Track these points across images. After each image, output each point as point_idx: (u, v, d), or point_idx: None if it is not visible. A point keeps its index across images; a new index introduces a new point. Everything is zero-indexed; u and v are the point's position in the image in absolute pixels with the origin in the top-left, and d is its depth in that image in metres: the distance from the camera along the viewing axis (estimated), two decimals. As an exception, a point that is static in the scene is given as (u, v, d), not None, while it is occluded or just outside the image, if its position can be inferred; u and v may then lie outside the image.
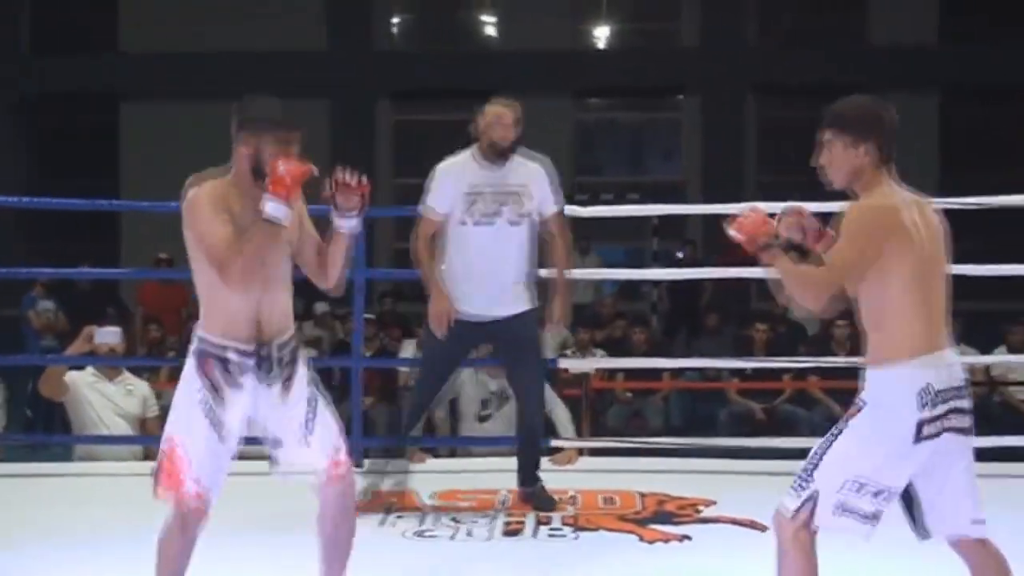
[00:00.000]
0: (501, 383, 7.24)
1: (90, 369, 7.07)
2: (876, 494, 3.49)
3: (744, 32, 18.10)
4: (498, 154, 5.58)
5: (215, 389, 3.79)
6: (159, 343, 10.84)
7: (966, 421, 3.53)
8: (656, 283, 15.14)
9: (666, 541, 5.20)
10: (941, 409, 3.46)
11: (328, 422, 4.01)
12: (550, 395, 7.29)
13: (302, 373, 3.98)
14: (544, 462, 6.69)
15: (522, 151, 5.71)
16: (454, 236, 5.59)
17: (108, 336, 6.99)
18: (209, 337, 3.82)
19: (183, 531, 3.81)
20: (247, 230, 3.68)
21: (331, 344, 11.19)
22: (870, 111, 3.66)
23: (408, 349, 9.81)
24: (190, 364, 3.83)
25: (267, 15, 17.32)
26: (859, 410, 3.55)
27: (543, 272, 5.90)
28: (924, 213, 3.57)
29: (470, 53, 18.58)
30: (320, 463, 3.96)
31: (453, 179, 5.59)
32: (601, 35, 18.99)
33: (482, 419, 7.29)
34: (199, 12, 17.34)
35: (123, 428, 7.00)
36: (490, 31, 18.91)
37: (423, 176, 5.69)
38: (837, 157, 3.63)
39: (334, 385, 9.13)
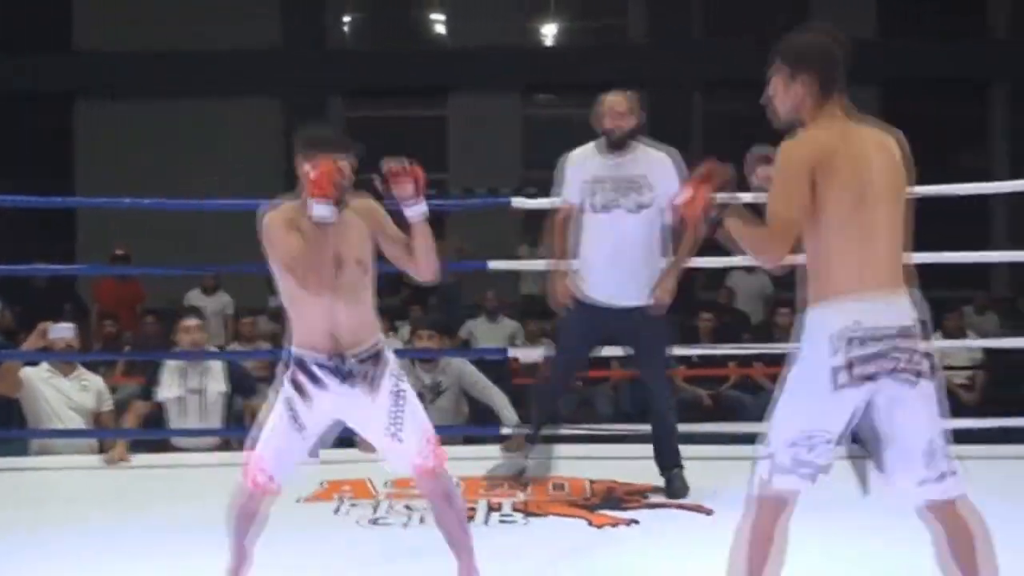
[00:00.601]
0: (434, 376, 7.25)
1: (45, 365, 7.01)
2: (826, 442, 3.40)
3: (690, 28, 18.13)
4: (613, 143, 5.56)
5: (299, 390, 4.00)
6: (115, 339, 10.77)
7: (916, 364, 3.35)
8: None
9: (614, 525, 5.22)
10: (869, 350, 3.28)
11: (417, 417, 4.10)
12: (484, 381, 7.28)
13: (389, 371, 4.06)
14: (494, 449, 6.70)
15: (649, 141, 5.69)
16: (583, 224, 5.60)
17: (62, 332, 6.93)
18: (293, 349, 4.05)
19: (247, 504, 4.10)
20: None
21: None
22: (808, 43, 3.59)
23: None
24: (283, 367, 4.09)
25: (221, 14, 17.19)
26: (793, 363, 3.43)
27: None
28: (881, 146, 3.44)
29: (421, 51, 18.52)
30: (412, 459, 4.06)
31: (577, 168, 5.64)
32: (549, 32, 18.97)
33: None
34: (153, 11, 17.19)
35: (78, 422, 6.96)
36: (440, 29, 18.84)
37: (376, 170, 5.63)
38: (778, 90, 3.60)
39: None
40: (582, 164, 5.63)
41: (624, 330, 5.66)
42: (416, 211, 4.00)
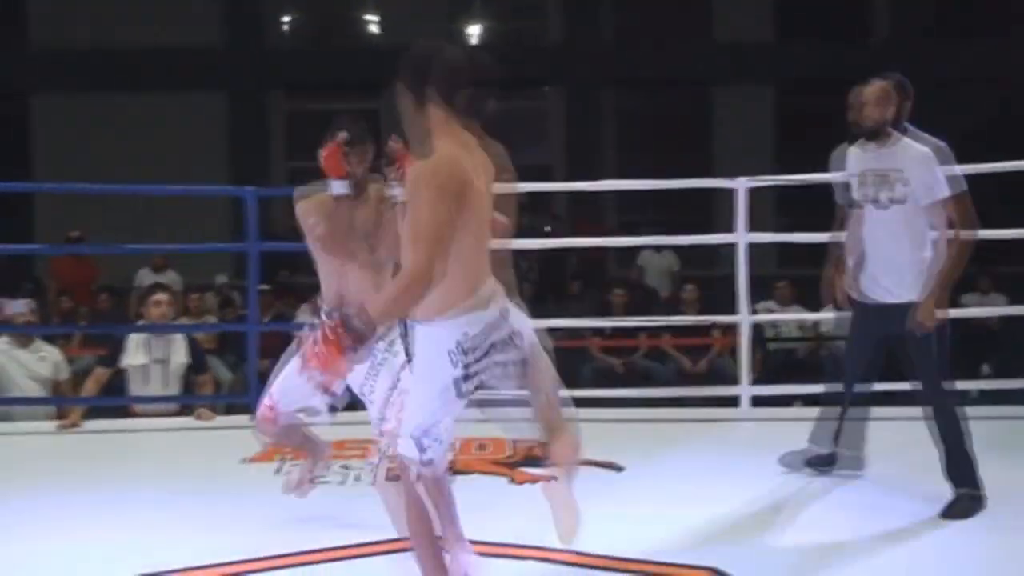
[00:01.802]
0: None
1: (4, 338, 6.92)
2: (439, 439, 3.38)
3: (603, 30, 18.17)
4: (866, 135, 4.94)
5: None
6: (71, 313, 10.64)
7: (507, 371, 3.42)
8: (525, 254, 15.18)
9: (534, 482, 5.22)
10: (477, 366, 3.30)
11: (386, 385, 4.16)
12: None
13: (381, 342, 4.11)
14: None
15: (916, 134, 4.95)
16: (850, 216, 5.15)
17: (17, 307, 6.84)
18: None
19: (273, 427, 4.39)
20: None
21: (232, 313, 11.04)
22: (421, 54, 3.41)
23: (304, 314, 9.73)
24: None
25: (169, 14, 16.99)
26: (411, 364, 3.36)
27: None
28: (482, 160, 3.35)
29: (354, 49, 18.43)
30: (376, 419, 4.19)
31: (841, 161, 5.16)
32: (474, 32, 18.94)
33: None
34: (104, 11, 16.95)
35: (36, 391, 6.87)
36: (373, 29, 18.76)
37: (314, 160, 5.53)
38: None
39: (232, 347, 9.04)
40: (846, 157, 5.10)
41: (888, 327, 4.93)
42: None
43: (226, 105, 17.35)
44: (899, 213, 4.81)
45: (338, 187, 4.23)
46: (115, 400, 6.95)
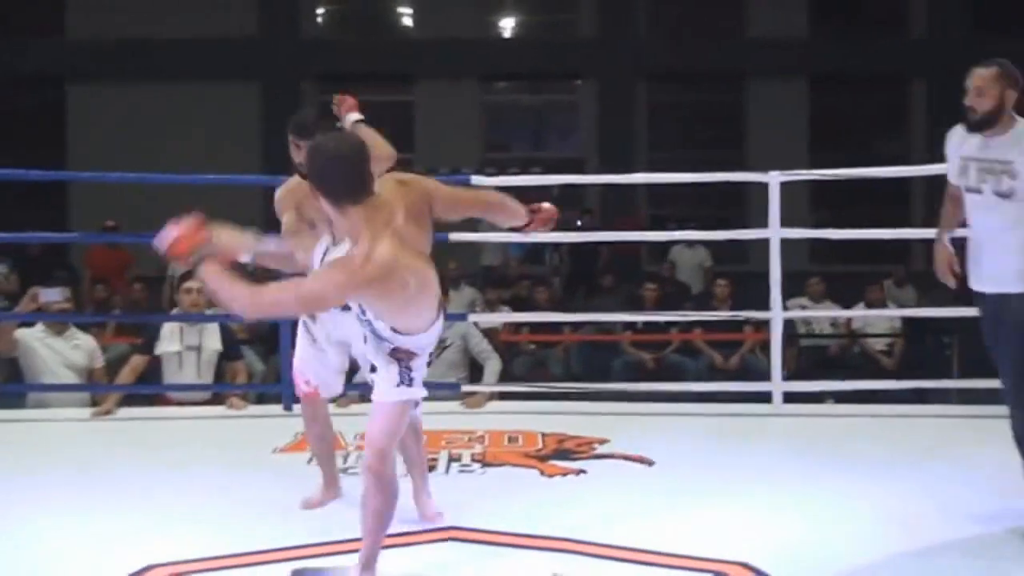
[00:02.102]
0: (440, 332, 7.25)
1: (39, 326, 6.96)
2: None
3: (635, 24, 18.13)
4: (972, 123, 4.59)
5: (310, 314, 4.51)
6: (105, 302, 10.71)
7: None
8: (557, 247, 15.18)
9: (564, 475, 5.22)
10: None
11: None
12: (487, 348, 7.30)
13: None
14: (455, 405, 6.70)
15: None
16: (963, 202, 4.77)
17: (52, 296, 6.88)
18: None
19: (312, 412, 4.71)
20: None
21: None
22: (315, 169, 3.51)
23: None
24: None
25: (204, 4, 17.08)
26: None
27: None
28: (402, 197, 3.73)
29: (388, 40, 18.47)
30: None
31: (951, 146, 4.78)
32: (507, 25, 18.93)
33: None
34: (141, 1, 17.05)
35: (71, 378, 6.92)
36: (408, 21, 18.79)
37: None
38: None
39: (264, 338, 9.06)
40: (956, 142, 4.74)
41: (995, 317, 4.59)
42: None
43: (260, 95, 17.43)
44: (1009, 204, 4.48)
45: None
46: (148, 388, 6.99)
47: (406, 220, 3.53)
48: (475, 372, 7.46)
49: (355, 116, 4.67)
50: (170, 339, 6.91)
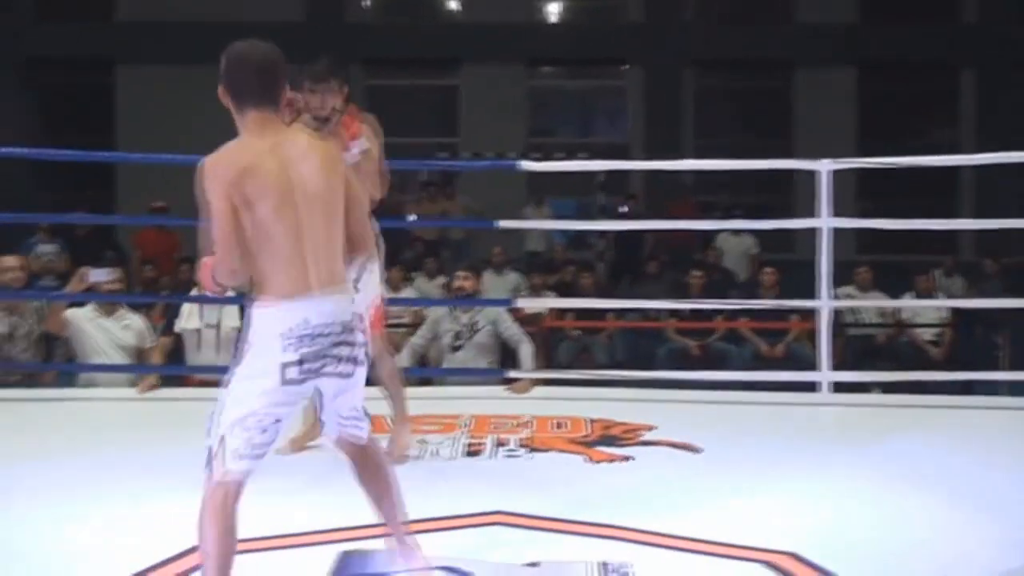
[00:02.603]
0: (471, 316, 7.30)
1: (90, 306, 7.03)
2: (264, 430, 3.18)
3: (683, 9, 18.05)
4: None
5: None
6: (153, 283, 10.79)
7: (348, 367, 3.27)
8: (602, 233, 15.16)
9: (611, 461, 5.22)
10: (308, 352, 3.18)
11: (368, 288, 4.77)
12: (518, 332, 7.32)
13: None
14: (500, 390, 6.72)
15: None
16: None
17: (100, 276, 6.93)
18: None
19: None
20: None
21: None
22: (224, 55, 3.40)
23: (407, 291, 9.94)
24: None
25: (250, -12, 17.16)
26: (243, 351, 3.26)
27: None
28: (306, 154, 3.25)
29: (434, 24, 18.47)
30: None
31: None
32: (553, 10, 18.88)
33: (454, 349, 7.36)
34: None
35: (121, 358, 6.97)
36: (453, 5, 18.78)
37: (393, 134, 5.57)
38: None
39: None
40: None
41: None
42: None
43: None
44: None
45: None
46: (176, 369, 7.05)
47: (314, 169, 3.24)
48: (505, 357, 7.51)
49: (360, 146, 4.72)
50: (189, 317, 6.97)
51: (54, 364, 7.13)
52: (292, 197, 3.19)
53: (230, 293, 6.94)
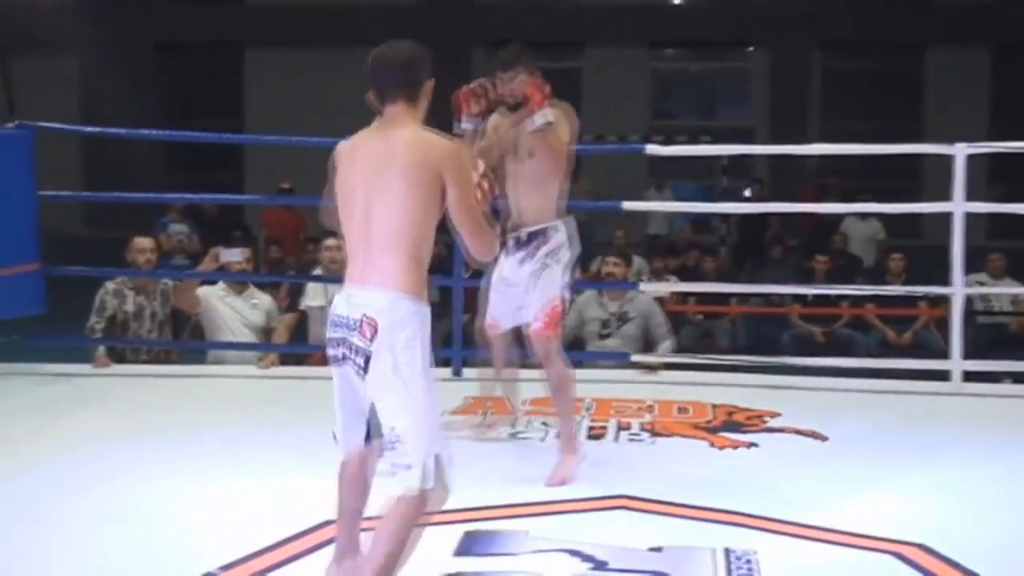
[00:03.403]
0: (621, 305, 7.25)
1: (221, 284, 7.15)
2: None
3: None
4: None
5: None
6: (279, 263, 10.96)
7: (358, 363, 3.14)
8: (726, 217, 15.01)
9: (735, 447, 5.18)
10: (331, 338, 3.21)
11: (547, 288, 4.71)
12: (665, 327, 7.28)
13: (544, 249, 4.67)
14: (631, 374, 6.69)
15: None
16: None
17: (232, 255, 7.05)
18: None
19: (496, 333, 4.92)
20: None
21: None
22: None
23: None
24: None
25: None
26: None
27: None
28: (384, 142, 3.23)
29: (558, 6, 18.44)
30: (531, 319, 4.74)
31: None
32: (679, -7, 18.75)
33: (602, 337, 7.28)
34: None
35: (249, 337, 7.09)
36: (577, -12, 18.74)
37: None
38: None
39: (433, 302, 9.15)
40: None
41: None
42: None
43: (430, 60, 17.59)
44: None
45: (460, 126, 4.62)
46: (300, 348, 7.15)
47: (391, 167, 3.19)
48: (646, 350, 7.44)
49: (543, 117, 4.53)
50: (314, 294, 7.07)
51: (176, 342, 7.28)
52: (356, 192, 3.22)
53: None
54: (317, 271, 7.57)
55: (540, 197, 4.67)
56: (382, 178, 3.17)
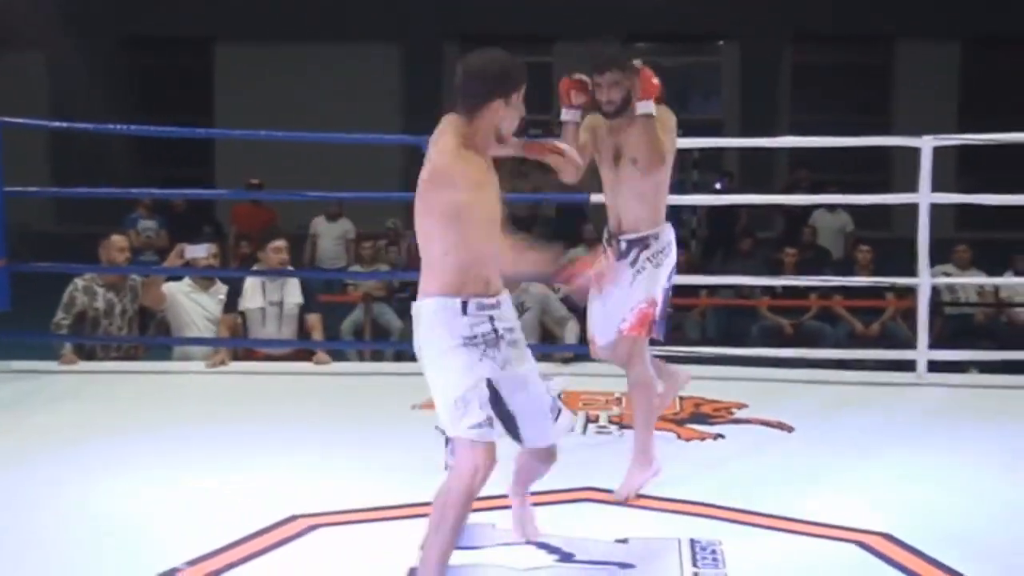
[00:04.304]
0: (518, 296, 7.16)
1: (186, 280, 7.12)
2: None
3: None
4: None
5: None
6: (249, 258, 10.90)
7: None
8: (695, 210, 15.04)
9: (701, 439, 5.20)
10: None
11: (638, 290, 4.46)
12: (565, 311, 7.26)
13: (645, 254, 4.49)
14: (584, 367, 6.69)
15: None
16: None
17: (197, 252, 7.01)
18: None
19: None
20: None
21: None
22: None
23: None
24: None
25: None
26: None
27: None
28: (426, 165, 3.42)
29: (529, 1, 18.42)
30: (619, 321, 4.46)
31: None
32: (647, -13, 18.75)
33: None
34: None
35: (213, 332, 7.06)
36: (548, -19, 18.73)
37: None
38: None
39: (402, 297, 9.14)
40: None
41: None
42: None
43: (401, 55, 17.55)
44: None
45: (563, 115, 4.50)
46: (301, 343, 7.10)
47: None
48: (545, 338, 7.47)
49: (644, 108, 4.34)
50: (253, 296, 7.02)
51: (143, 338, 7.24)
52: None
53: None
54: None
55: (641, 204, 4.43)
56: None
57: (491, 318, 3.32)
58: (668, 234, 4.53)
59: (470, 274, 3.30)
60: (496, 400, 3.30)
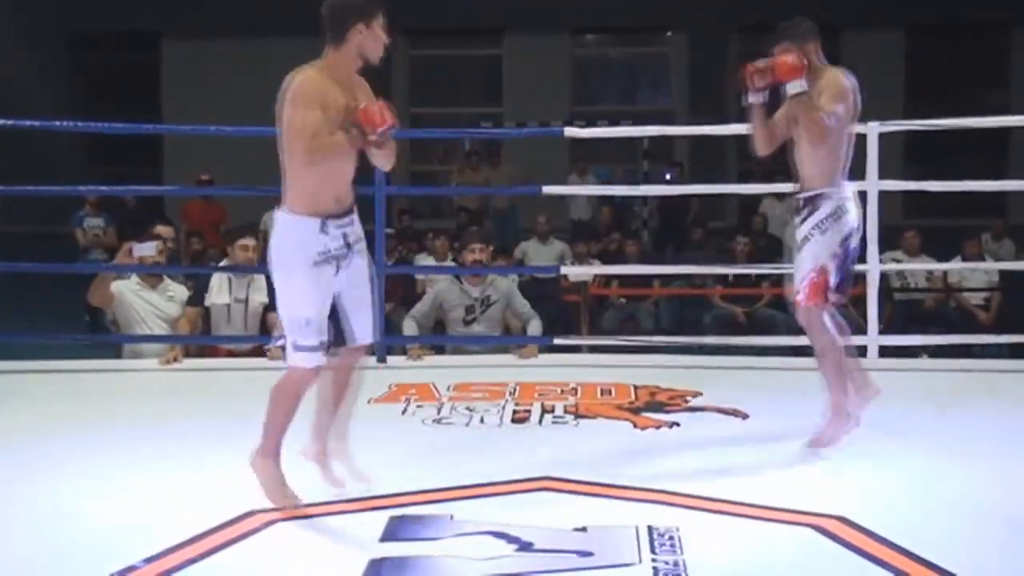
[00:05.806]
0: (483, 290, 7.19)
1: (134, 278, 7.06)
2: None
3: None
4: None
5: None
6: (200, 255, 10.85)
7: None
8: (646, 201, 15.10)
9: (657, 427, 5.22)
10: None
11: (808, 258, 4.71)
12: (528, 308, 7.26)
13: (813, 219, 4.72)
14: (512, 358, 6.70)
15: None
16: None
17: (145, 250, 6.96)
18: None
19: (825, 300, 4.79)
20: None
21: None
22: None
23: (423, 260, 9.81)
24: None
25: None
26: None
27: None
28: None
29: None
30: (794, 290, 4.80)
31: None
32: (598, -22, 18.78)
33: (467, 323, 7.18)
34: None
35: (164, 329, 7.00)
36: (495, -26, 18.72)
37: (436, 104, 5.54)
38: None
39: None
40: None
41: None
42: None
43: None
44: None
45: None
46: (258, 339, 7.06)
47: None
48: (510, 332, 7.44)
49: (793, 88, 4.77)
50: (219, 292, 6.98)
51: (85, 336, 7.18)
52: None
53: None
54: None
55: (811, 164, 4.75)
56: None
57: (344, 235, 3.93)
58: (839, 196, 4.73)
59: (321, 193, 3.87)
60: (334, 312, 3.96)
